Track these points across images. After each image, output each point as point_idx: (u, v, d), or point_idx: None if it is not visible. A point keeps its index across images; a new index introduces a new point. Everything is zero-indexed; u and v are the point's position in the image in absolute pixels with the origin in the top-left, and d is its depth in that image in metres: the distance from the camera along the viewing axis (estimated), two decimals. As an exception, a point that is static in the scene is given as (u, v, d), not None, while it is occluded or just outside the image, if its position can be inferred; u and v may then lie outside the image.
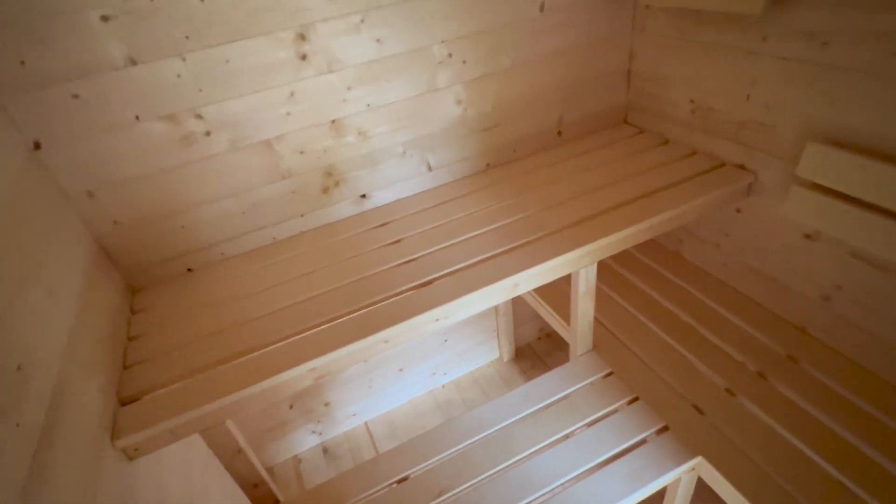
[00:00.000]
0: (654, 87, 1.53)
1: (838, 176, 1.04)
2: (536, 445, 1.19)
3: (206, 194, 1.22)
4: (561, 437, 1.20)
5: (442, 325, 1.07)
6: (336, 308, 1.08)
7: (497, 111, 1.48)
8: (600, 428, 1.20)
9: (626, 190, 1.30)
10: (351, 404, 1.91)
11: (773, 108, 1.19)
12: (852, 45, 0.98)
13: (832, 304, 1.22)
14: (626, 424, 1.20)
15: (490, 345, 2.12)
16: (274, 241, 1.37)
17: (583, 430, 1.21)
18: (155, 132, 1.10)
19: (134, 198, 1.15)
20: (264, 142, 1.22)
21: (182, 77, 1.07)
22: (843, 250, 1.14)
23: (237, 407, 0.94)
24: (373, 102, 1.29)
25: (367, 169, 1.38)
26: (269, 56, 1.12)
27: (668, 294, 1.55)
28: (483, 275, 1.09)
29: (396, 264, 1.19)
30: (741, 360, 1.30)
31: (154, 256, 1.25)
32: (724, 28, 1.24)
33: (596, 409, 1.25)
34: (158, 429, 0.89)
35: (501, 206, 1.34)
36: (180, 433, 0.91)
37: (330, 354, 0.96)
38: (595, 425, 1.22)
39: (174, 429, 0.90)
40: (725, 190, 1.27)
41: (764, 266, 1.38)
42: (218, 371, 0.97)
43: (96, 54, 0.98)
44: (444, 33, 1.28)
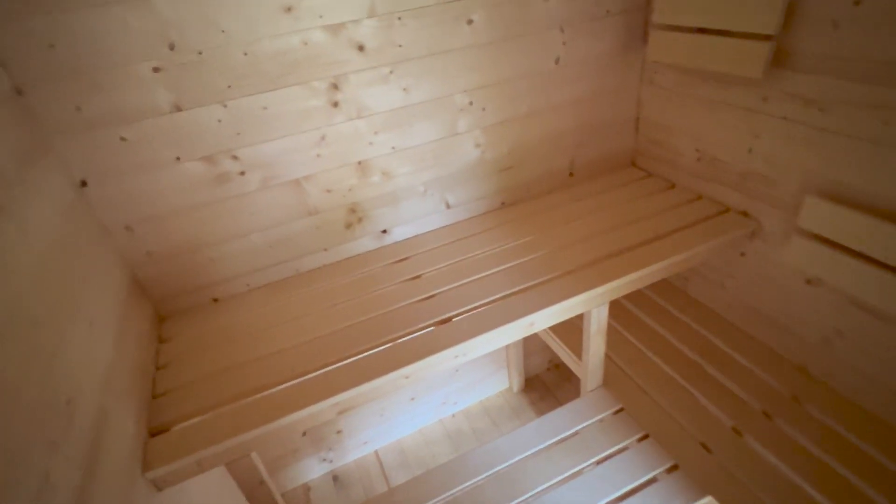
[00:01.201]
0: (661, 135, 1.62)
1: (837, 229, 1.10)
2: (548, 482, 1.22)
3: (235, 229, 1.28)
4: (572, 475, 1.23)
5: (460, 361, 1.12)
6: (359, 343, 1.12)
7: (513, 154, 1.55)
8: (611, 465, 1.23)
9: (636, 232, 1.36)
10: (362, 432, 1.93)
11: (773, 162, 1.26)
12: (848, 112, 1.05)
13: (833, 347, 1.27)
14: (637, 462, 1.23)
15: (500, 375, 2.15)
16: (297, 273, 1.43)
17: (593, 467, 1.24)
18: (193, 172, 1.16)
19: (168, 231, 1.21)
20: (294, 181, 1.28)
21: (222, 122, 1.14)
22: (842, 297, 1.20)
23: (261, 440, 0.98)
24: (397, 145, 1.36)
25: (389, 206, 1.45)
26: (304, 103, 1.20)
27: (676, 331, 1.60)
28: (501, 313, 1.15)
29: (417, 300, 1.24)
30: (747, 399, 1.34)
31: (182, 286, 1.30)
32: (727, 86, 1.32)
33: (606, 446, 1.28)
34: (187, 461, 0.92)
35: (517, 245, 1.40)
36: (207, 465, 0.95)
37: (354, 390, 1.00)
38: (605, 462, 1.25)
39: (201, 461, 0.94)
40: (730, 235, 1.33)
41: (767, 308, 1.43)
42: (244, 404, 1.01)
43: (145, 101, 1.06)
44: (466, 83, 1.36)
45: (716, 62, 1.26)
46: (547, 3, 1.34)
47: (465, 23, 1.27)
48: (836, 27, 1.03)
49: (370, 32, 1.19)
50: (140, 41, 1.00)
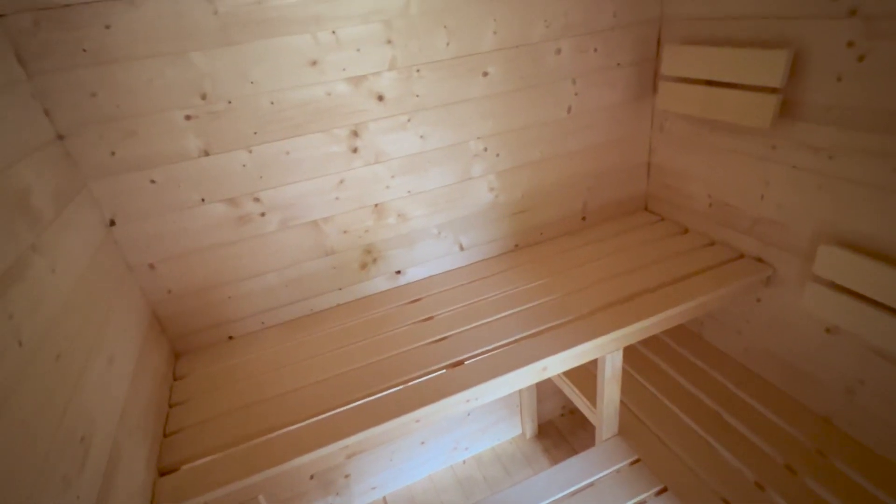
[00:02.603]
0: (673, 180, 1.64)
1: (852, 277, 1.09)
2: (563, 536, 1.17)
3: (254, 268, 1.31)
4: (588, 528, 1.18)
5: (472, 405, 1.10)
6: (370, 385, 1.12)
7: (526, 198, 1.58)
8: (628, 520, 1.18)
9: (650, 277, 1.36)
10: (371, 477, 1.88)
11: (785, 209, 1.27)
12: (856, 160, 1.07)
13: (856, 397, 1.23)
14: (655, 517, 1.17)
15: (513, 420, 2.10)
16: (311, 312, 1.44)
17: (610, 521, 1.19)
18: (216, 213, 1.21)
19: (189, 270, 1.24)
20: (312, 222, 1.32)
21: (246, 166, 1.19)
22: (863, 346, 1.17)
23: (269, 483, 0.96)
24: (413, 189, 1.40)
25: (404, 248, 1.48)
26: (325, 149, 1.25)
27: (692, 378, 1.56)
28: (513, 358, 1.14)
29: (429, 342, 1.24)
30: (769, 451, 1.29)
31: (199, 324, 1.32)
32: (737, 135, 1.35)
33: (623, 498, 1.23)
34: (195, 502, 0.91)
35: (529, 288, 1.40)
36: (216, 508, 0.93)
37: (363, 433, 0.99)
38: (622, 517, 1.19)
39: (209, 502, 0.92)
40: (745, 281, 1.32)
41: (786, 355, 1.40)
42: (252, 445, 1.00)
43: (176, 147, 1.11)
44: (480, 131, 1.41)
45: (724, 113, 1.29)
46: (559, 57, 1.40)
47: (480, 75, 1.33)
48: (840, 80, 1.06)
49: (390, 84, 1.25)
50: (175, 91, 1.07)
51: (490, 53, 1.32)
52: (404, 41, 1.21)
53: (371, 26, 1.17)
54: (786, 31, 1.14)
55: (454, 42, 1.27)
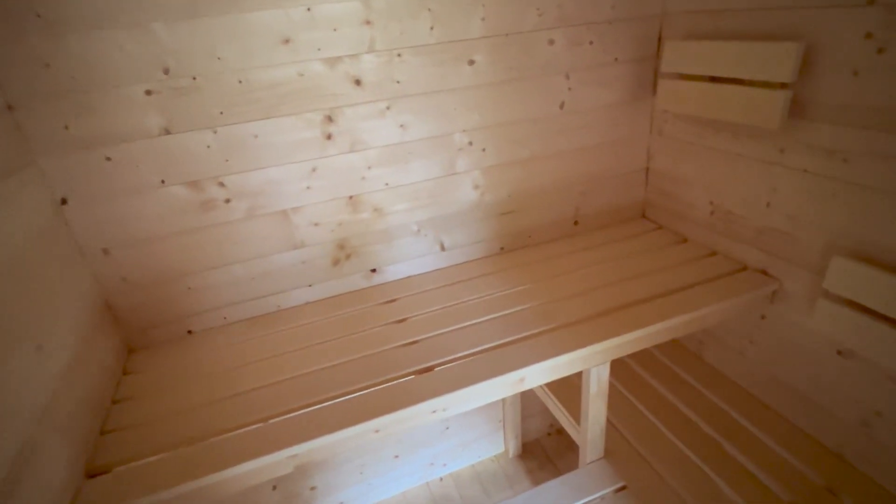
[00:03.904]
0: (672, 187, 1.54)
1: (868, 292, 0.98)
2: (535, 569, 1.05)
3: (217, 258, 1.23)
4: (564, 562, 1.06)
5: (439, 417, 1.00)
6: (329, 388, 1.02)
7: (514, 198, 1.49)
8: (609, 554, 1.06)
9: (643, 287, 1.26)
10: (339, 491, 1.76)
11: (795, 218, 1.16)
12: (874, 164, 0.96)
13: (872, 430, 1.10)
14: (639, 553, 1.05)
15: (495, 437, 1.97)
16: (278, 309, 1.35)
17: (589, 554, 1.07)
18: (177, 196, 1.13)
19: (146, 257, 1.16)
20: (281, 212, 1.24)
21: (211, 148, 1.12)
22: (880, 372, 1.05)
23: (212, 490, 0.87)
24: (391, 182, 1.32)
25: (380, 244, 1.39)
26: (296, 134, 1.18)
27: (689, 401, 1.44)
28: (487, 366, 1.04)
29: (398, 345, 1.15)
30: (773, 487, 1.16)
31: (157, 316, 1.24)
32: (741, 137, 1.25)
33: (605, 530, 1.11)
34: (120, 510, 0.81)
35: (511, 293, 1.30)
36: (142, 517, 0.83)
37: (314, 441, 0.89)
38: (603, 550, 1.07)
39: (135, 512, 0.83)
40: (748, 296, 1.21)
41: (793, 381, 1.27)
42: (195, 449, 0.91)
43: (134, 123, 1.05)
44: (465, 123, 1.33)
45: (729, 112, 1.20)
46: (552, 48, 1.32)
47: (466, 63, 1.26)
48: (857, 75, 0.96)
49: (368, 68, 1.18)
50: (135, 64, 1.00)
51: (477, 41, 1.24)
52: (384, 22, 1.14)
53: (349, 4, 1.10)
54: (797, 22, 1.05)
55: (439, 26, 1.19)
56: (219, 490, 0.87)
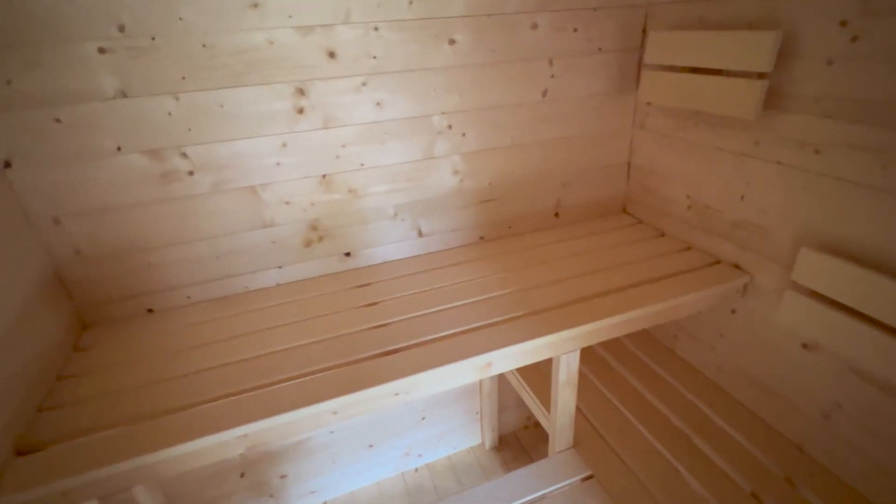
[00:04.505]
0: (653, 181, 1.53)
1: (834, 285, 0.98)
2: (497, 558, 1.03)
3: (180, 234, 1.18)
4: (526, 551, 1.05)
5: (402, 400, 0.97)
6: (288, 369, 0.98)
7: (495, 186, 1.46)
8: (573, 544, 1.05)
9: (616, 278, 1.25)
10: (310, 479, 1.72)
11: (766, 211, 1.16)
12: (845, 155, 0.96)
13: (831, 422, 1.11)
14: (603, 543, 1.04)
15: (472, 428, 1.95)
16: (246, 290, 1.31)
17: (553, 544, 1.06)
18: (135, 165, 1.08)
19: (102, 229, 1.10)
20: (249, 188, 1.19)
21: (172, 115, 1.06)
22: (842, 365, 1.06)
23: (150, 471, 0.82)
24: (367, 162, 1.28)
25: (355, 227, 1.35)
26: (265, 106, 1.13)
27: (660, 393, 1.44)
28: (453, 349, 1.01)
29: (366, 328, 1.11)
30: (736, 478, 1.17)
31: (115, 292, 1.18)
32: (719, 129, 1.25)
33: (569, 519, 1.10)
34: (49, 489, 0.77)
35: (485, 281, 1.28)
36: (75, 497, 0.79)
37: (265, 421, 0.85)
38: (567, 540, 1.06)
39: (68, 491, 0.78)
40: (719, 288, 1.21)
41: (760, 374, 1.28)
42: (140, 427, 0.86)
43: (87, 83, 0.98)
44: (445, 105, 1.29)
45: (707, 103, 1.19)
46: (535, 32, 1.30)
47: (446, 42, 1.22)
48: (831, 64, 0.96)
49: (343, 40, 1.13)
50: (87, 19, 0.94)
51: (458, 19, 1.21)
52: (361, -7, 1.10)
53: (324, -29, 1.06)
54: (776, 11, 1.04)
55: (419, 1, 1.15)
56: (163, 470, 0.83)
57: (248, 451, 0.86)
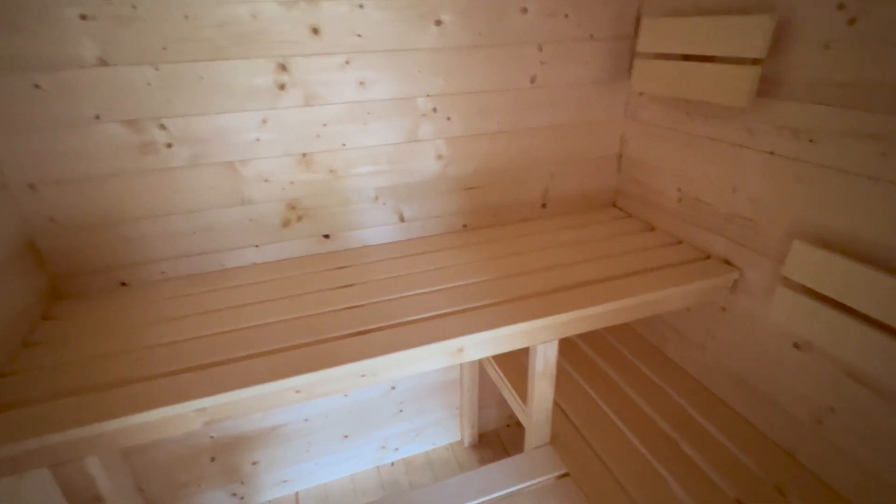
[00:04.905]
0: (644, 174, 1.50)
1: (827, 280, 0.94)
2: (461, 550, 0.99)
3: (156, 207, 1.17)
4: (492, 545, 1.01)
5: (369, 382, 0.94)
6: (254, 345, 0.96)
7: (480, 173, 1.44)
8: (541, 540, 1.00)
9: (599, 269, 1.21)
10: (283, 468, 1.69)
11: (759, 203, 1.12)
12: (840, 144, 0.92)
13: (824, 428, 1.06)
14: (572, 541, 1.00)
15: (451, 424, 1.91)
16: (222, 268, 1.29)
17: (520, 539, 1.02)
18: (113, 135, 1.07)
19: (78, 198, 1.10)
20: (228, 163, 1.18)
21: (152, 85, 1.06)
22: (836, 366, 1.01)
23: (103, 440, 0.80)
24: (349, 143, 1.26)
25: (335, 209, 1.33)
26: (246, 80, 1.12)
27: (646, 394, 1.39)
28: (424, 332, 0.98)
29: (338, 309, 1.09)
30: (721, 484, 1.11)
31: (89, 264, 1.17)
32: (712, 119, 1.21)
33: (540, 515, 1.06)
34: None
35: (465, 267, 1.25)
36: (23, 463, 0.77)
37: (223, 395, 0.83)
38: (536, 536, 1.02)
39: (16, 458, 0.76)
40: (706, 283, 1.16)
41: (750, 376, 1.23)
42: (95, 396, 0.84)
43: (67, 50, 0.98)
44: (430, 88, 1.28)
45: (699, 91, 1.16)
46: (525, 17, 1.28)
47: (432, 22, 1.20)
48: (828, 48, 0.92)
49: (327, 16, 1.12)
50: (68, -16, 0.94)
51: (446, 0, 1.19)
52: (346, -32, 1.09)
53: (307, -55, 1.05)
54: (771, -5, 1.01)
55: (405, -21, 1.14)
56: (117, 440, 0.81)
57: (207, 427, 0.84)
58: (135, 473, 1.45)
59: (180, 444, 1.47)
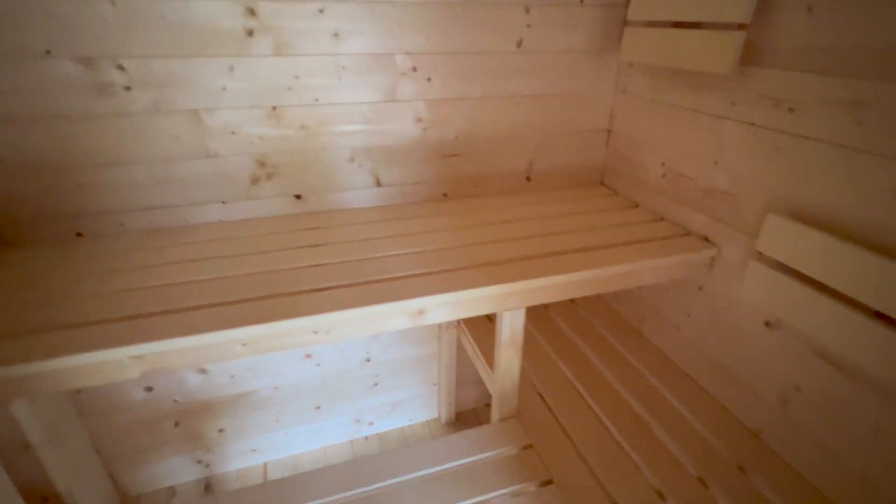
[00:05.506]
0: (631, 150, 1.45)
1: (800, 254, 0.91)
2: (415, 517, 0.97)
3: (114, 155, 1.11)
4: (447, 513, 0.98)
5: (322, 339, 0.90)
6: (206, 297, 0.92)
7: (461, 140, 1.39)
8: (498, 510, 0.98)
9: (575, 241, 1.17)
10: (251, 437, 1.66)
11: (738, 177, 1.08)
12: (819, 112, 0.89)
13: (789, 408, 1.03)
14: (529, 512, 0.97)
15: (429, 400, 1.89)
16: (187, 223, 1.24)
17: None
18: (66, 73, 1.01)
19: (26, 139, 1.04)
20: (192, 111, 1.12)
21: (109, 22, 1.00)
22: (804, 344, 0.98)
23: (30, 384, 0.76)
24: (322, 98, 1.21)
25: (307, 168, 1.28)
26: (212, 22, 1.06)
27: (619, 373, 1.36)
28: (384, 292, 0.94)
29: (301, 266, 1.05)
30: (684, 461, 1.09)
31: (41, 211, 1.12)
32: (697, 90, 1.17)
33: (500, 484, 1.03)
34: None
35: (438, 235, 1.21)
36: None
37: (161, 342, 0.79)
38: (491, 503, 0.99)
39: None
40: (680, 258, 1.13)
41: (722, 356, 1.20)
42: (25, 339, 0.80)
43: (16, -25, 0.92)
44: (409, 45, 1.22)
45: (686, 59, 1.11)
46: (511, -26, 1.22)
47: (412, -27, 1.15)
48: (811, 11, 0.88)
49: (300, -42, 1.06)
50: None
51: (427, -51, 1.14)
52: None
53: None
54: (761, -44, 0.96)
55: (383, -76, 1.08)
56: (47, 384, 0.77)
57: (144, 377, 0.80)
58: (92, 435, 1.41)
59: (142, 406, 1.43)
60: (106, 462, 1.46)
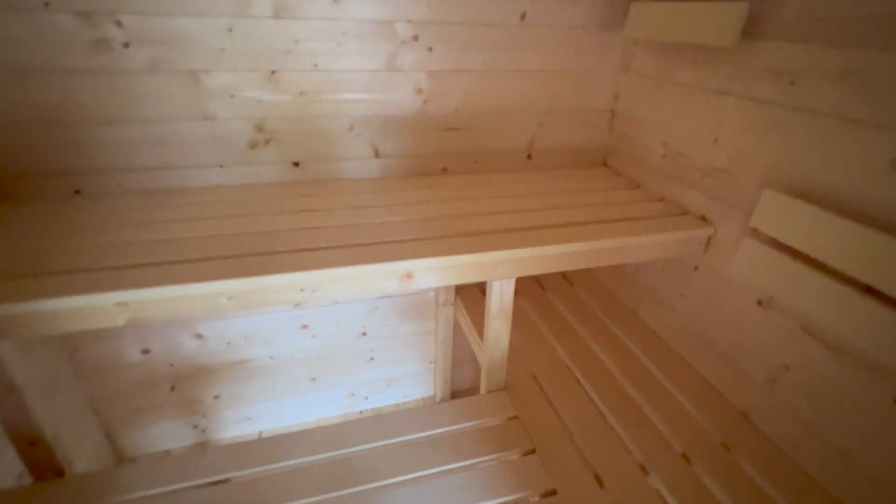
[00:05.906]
0: (634, 130, 1.44)
1: (794, 230, 0.89)
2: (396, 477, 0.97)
3: (112, 112, 1.12)
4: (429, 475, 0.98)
5: (308, 298, 0.91)
6: (195, 252, 0.93)
7: (462, 113, 1.38)
8: (478, 474, 0.98)
9: (570, 216, 1.17)
10: (247, 405, 1.68)
11: (736, 154, 1.07)
12: (817, 83, 0.87)
13: (777, 387, 1.03)
14: (510, 478, 0.97)
15: (425, 378, 1.89)
16: (183, 186, 1.25)
17: (457, 472, 0.99)
18: (64, 27, 1.01)
19: (22, 91, 1.05)
20: (190, 71, 1.13)
21: (108, -25, 1.00)
22: (795, 322, 0.97)
23: (16, 324, 0.77)
24: (321, 64, 1.21)
25: (306, 136, 1.28)
26: (211, -20, 1.06)
27: (610, 351, 1.36)
28: (372, 254, 0.94)
29: (293, 228, 1.05)
30: (670, 438, 1.09)
31: (37, 166, 1.13)
32: (700, 66, 1.15)
33: (481, 452, 1.04)
34: None
35: (433, 206, 1.20)
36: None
37: (143, 291, 0.80)
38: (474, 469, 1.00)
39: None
40: (673, 235, 1.12)
41: (714, 336, 1.19)
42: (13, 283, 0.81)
43: (16, -76, 0.92)
44: (411, 13, 1.21)
45: (690, 33, 1.09)
46: (516, -57, 1.20)
47: (415, -63, 1.13)
48: (815, -21, 0.86)
49: (300, -83, 1.05)
50: None
51: (430, -87, 1.12)
52: None
53: None
54: (770, -76, 0.94)
55: None
56: (32, 326, 0.78)
57: (128, 325, 0.81)
58: (90, 395, 1.44)
59: (138, 369, 1.46)
60: (103, 423, 1.49)
